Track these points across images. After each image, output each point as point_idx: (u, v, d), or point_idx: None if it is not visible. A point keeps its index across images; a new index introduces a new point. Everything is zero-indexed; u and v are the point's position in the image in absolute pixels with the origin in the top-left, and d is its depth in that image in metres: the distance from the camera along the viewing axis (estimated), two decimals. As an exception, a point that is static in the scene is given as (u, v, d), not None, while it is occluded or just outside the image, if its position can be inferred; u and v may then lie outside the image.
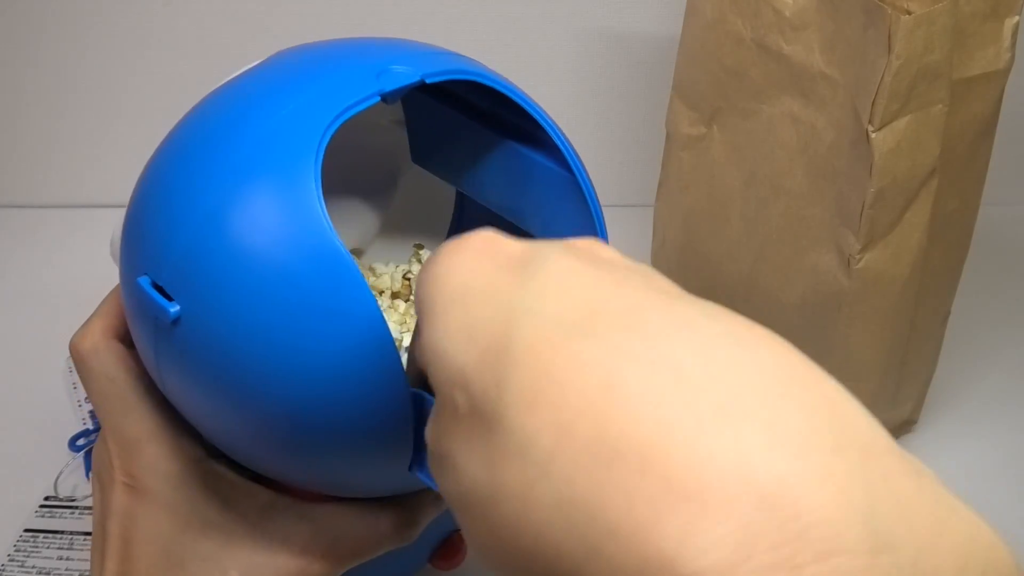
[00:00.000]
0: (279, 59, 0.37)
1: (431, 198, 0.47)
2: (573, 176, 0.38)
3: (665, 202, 0.60)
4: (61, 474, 0.57)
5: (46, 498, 0.56)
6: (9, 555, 0.53)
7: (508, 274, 0.23)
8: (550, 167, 0.38)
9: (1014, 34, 0.48)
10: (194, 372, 0.33)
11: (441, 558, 0.45)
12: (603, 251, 0.25)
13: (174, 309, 0.32)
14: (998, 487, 0.58)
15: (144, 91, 0.74)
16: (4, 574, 0.52)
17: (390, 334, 0.32)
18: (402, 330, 0.42)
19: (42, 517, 0.55)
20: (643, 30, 0.72)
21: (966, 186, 0.52)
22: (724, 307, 0.22)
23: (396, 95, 0.34)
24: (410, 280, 0.44)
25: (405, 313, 0.43)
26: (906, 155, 0.47)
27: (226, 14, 0.71)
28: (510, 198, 0.41)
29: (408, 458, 0.34)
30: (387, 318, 0.42)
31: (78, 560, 0.53)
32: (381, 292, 0.44)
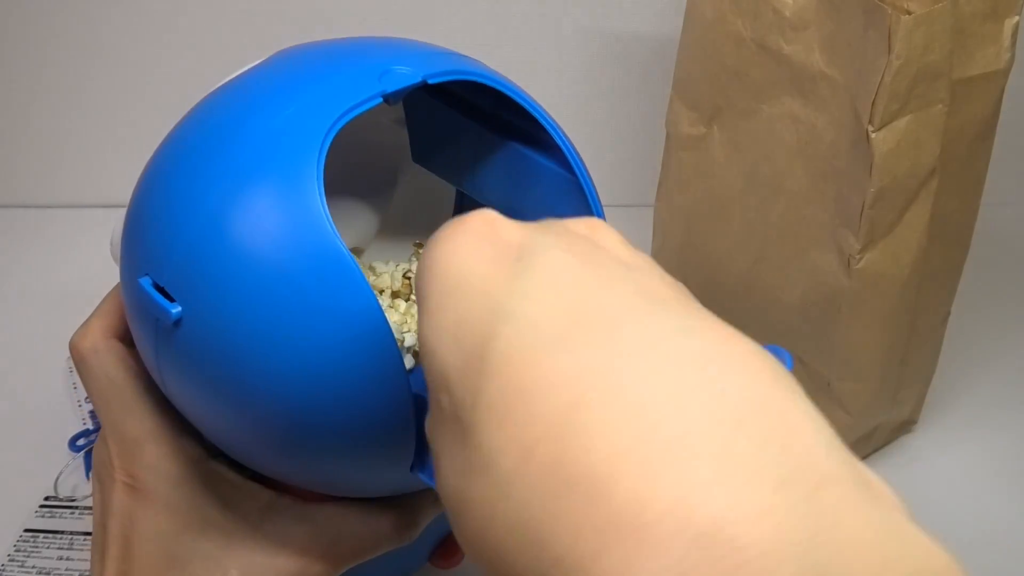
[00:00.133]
0: (280, 59, 0.37)
1: (431, 197, 0.47)
2: (574, 176, 0.38)
3: (665, 202, 0.60)
4: (61, 474, 0.57)
5: (46, 498, 0.56)
6: (9, 555, 0.53)
7: (501, 267, 0.23)
8: (551, 167, 0.38)
9: (1014, 34, 0.48)
10: (195, 372, 0.33)
11: (441, 557, 0.45)
12: (604, 236, 0.25)
13: (176, 310, 0.32)
14: (998, 487, 0.58)
15: (145, 91, 0.74)
16: (4, 574, 0.52)
17: (392, 334, 0.32)
18: (403, 330, 0.42)
19: (42, 517, 0.55)
20: (643, 30, 0.72)
21: (966, 186, 0.52)
22: (708, 315, 0.22)
23: (398, 96, 0.34)
24: (410, 279, 0.44)
25: (406, 312, 0.43)
26: (906, 155, 0.47)
27: (228, 14, 0.71)
28: (511, 198, 0.41)
29: (409, 459, 0.34)
30: (387, 318, 0.42)
31: (78, 560, 0.53)
32: (381, 291, 0.44)
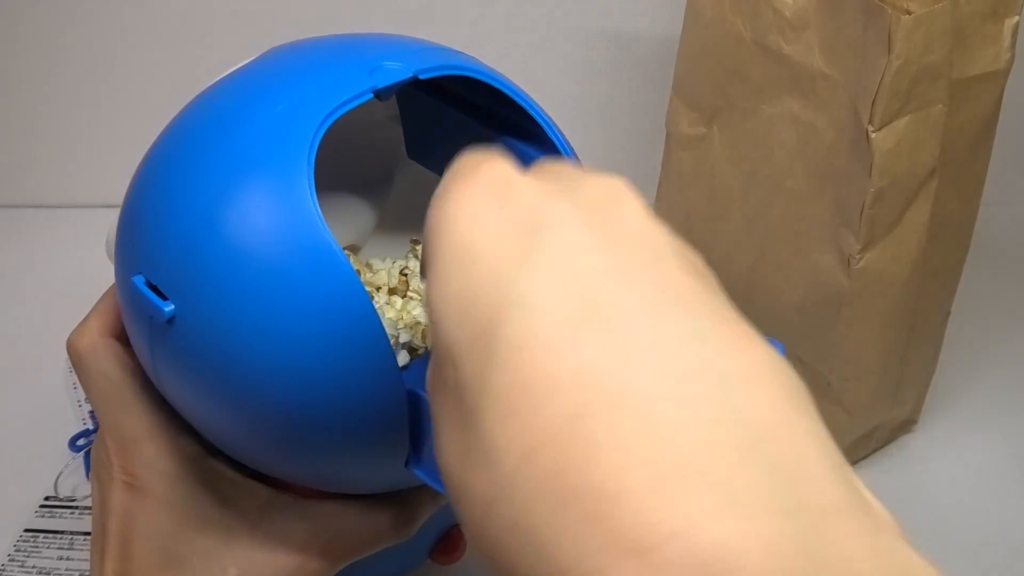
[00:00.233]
0: (272, 56, 0.37)
1: (427, 193, 0.47)
2: None
3: (665, 202, 0.60)
4: (61, 474, 0.57)
5: (46, 498, 0.56)
6: (9, 555, 0.53)
7: (512, 238, 0.22)
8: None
9: (1014, 34, 0.48)
10: (190, 370, 0.33)
11: (441, 553, 0.45)
12: (626, 204, 0.23)
13: (169, 308, 0.32)
14: (998, 487, 0.58)
15: (145, 92, 0.74)
16: (4, 574, 0.52)
17: (384, 332, 0.32)
18: (399, 326, 0.42)
19: (42, 517, 0.55)
20: (643, 30, 0.72)
21: (966, 186, 0.52)
22: (727, 313, 0.21)
23: (389, 91, 0.34)
24: (407, 276, 0.44)
25: (402, 309, 0.43)
26: (906, 155, 0.47)
27: (219, 12, 0.71)
28: None
29: (404, 455, 0.34)
30: (384, 314, 0.42)
31: (78, 560, 0.53)
32: (378, 288, 0.44)
